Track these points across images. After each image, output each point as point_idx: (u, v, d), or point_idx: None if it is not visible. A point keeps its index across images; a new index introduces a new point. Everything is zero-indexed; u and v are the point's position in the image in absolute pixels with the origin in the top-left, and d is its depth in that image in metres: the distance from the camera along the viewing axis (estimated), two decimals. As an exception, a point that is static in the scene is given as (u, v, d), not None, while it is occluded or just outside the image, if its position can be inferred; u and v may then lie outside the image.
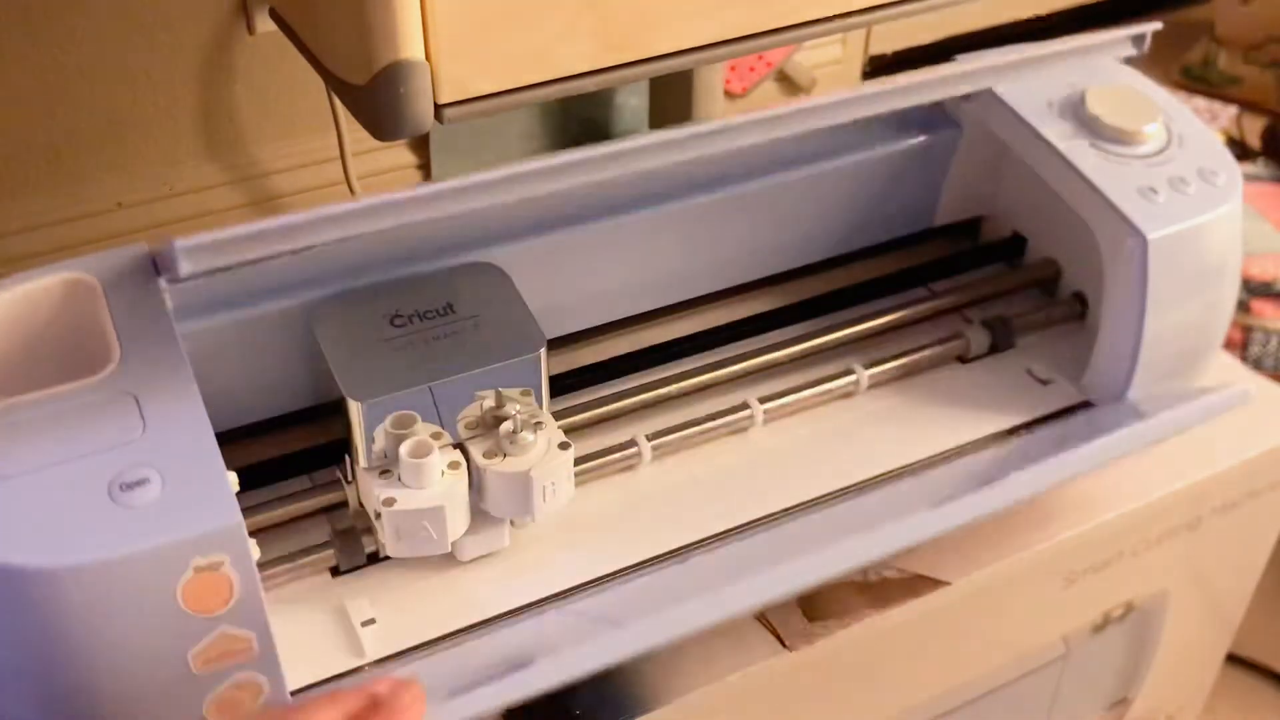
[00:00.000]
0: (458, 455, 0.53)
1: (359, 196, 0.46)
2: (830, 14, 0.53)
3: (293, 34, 0.53)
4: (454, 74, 0.45)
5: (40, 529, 0.41)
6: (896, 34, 1.06)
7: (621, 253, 0.62)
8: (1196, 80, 1.22)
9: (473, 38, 0.45)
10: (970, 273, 0.72)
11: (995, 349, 0.68)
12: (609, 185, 0.60)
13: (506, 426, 0.53)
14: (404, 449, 0.51)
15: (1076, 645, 0.64)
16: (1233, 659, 1.03)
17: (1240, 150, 1.13)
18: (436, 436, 0.52)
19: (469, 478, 0.53)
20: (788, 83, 1.00)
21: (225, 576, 0.42)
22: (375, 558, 0.55)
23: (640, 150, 0.48)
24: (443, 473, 0.52)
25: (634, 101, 0.90)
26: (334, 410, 0.53)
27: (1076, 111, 0.64)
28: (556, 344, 0.64)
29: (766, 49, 0.53)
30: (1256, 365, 0.91)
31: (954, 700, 0.62)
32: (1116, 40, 0.58)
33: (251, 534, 0.43)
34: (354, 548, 0.54)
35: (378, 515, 0.52)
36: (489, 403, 0.53)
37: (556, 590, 0.55)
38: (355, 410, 0.51)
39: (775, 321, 0.67)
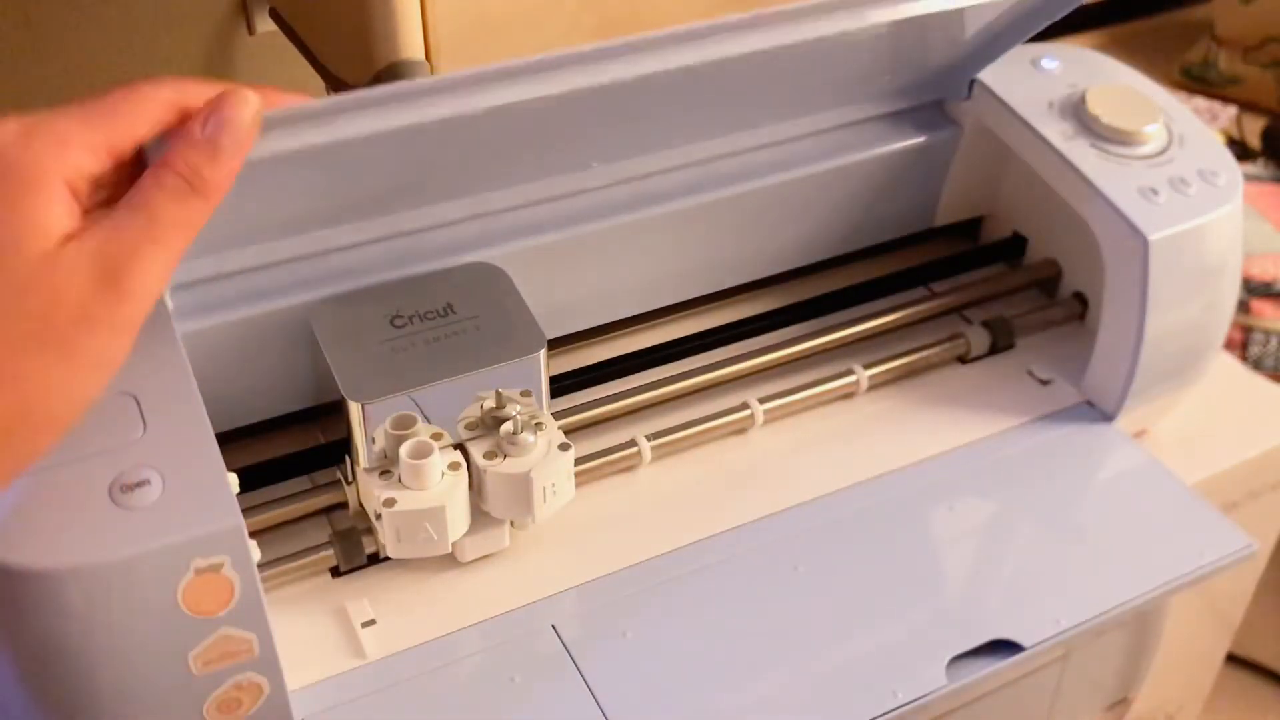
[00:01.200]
0: (458, 456, 0.53)
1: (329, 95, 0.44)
2: (830, 14, 0.53)
3: (293, 34, 0.53)
4: (454, 74, 0.45)
5: (40, 530, 0.41)
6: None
7: (622, 253, 0.62)
8: (1196, 80, 1.22)
9: (472, 38, 0.45)
10: (970, 273, 0.72)
11: (995, 349, 0.68)
12: (609, 185, 0.61)
13: (507, 427, 0.53)
14: (404, 450, 0.51)
15: (1076, 646, 0.64)
16: (1233, 659, 1.03)
17: (1240, 150, 1.13)
18: (437, 437, 0.52)
19: (469, 478, 0.53)
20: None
21: (225, 578, 0.42)
22: (375, 558, 0.55)
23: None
24: (443, 474, 0.52)
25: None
26: (334, 410, 0.53)
27: (1077, 111, 0.64)
28: (557, 344, 0.64)
29: (767, 49, 0.53)
30: (1256, 365, 0.91)
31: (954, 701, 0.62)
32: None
33: (252, 535, 0.43)
34: (354, 548, 0.54)
35: (378, 516, 0.52)
36: (489, 403, 0.53)
37: (556, 591, 0.55)
38: (355, 411, 0.51)
39: (775, 322, 0.67)
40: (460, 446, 0.53)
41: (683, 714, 0.50)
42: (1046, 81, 0.66)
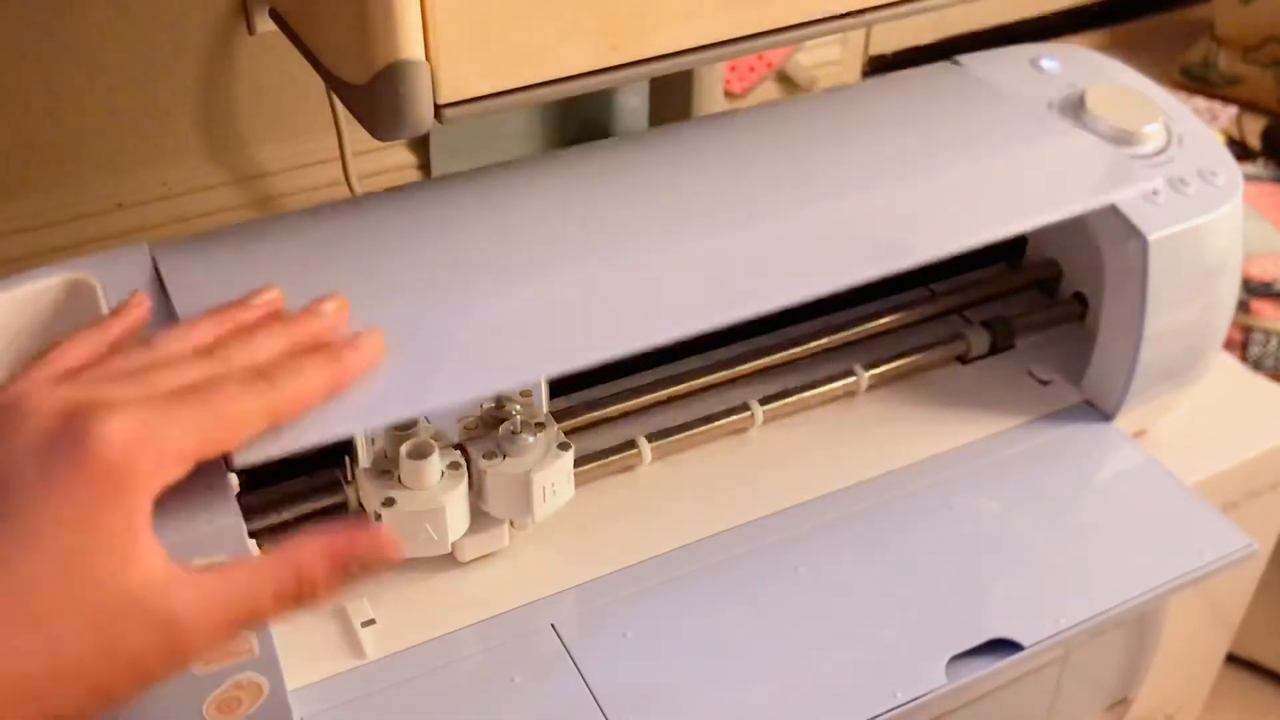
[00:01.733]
0: (458, 456, 0.53)
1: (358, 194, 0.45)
2: (830, 14, 0.52)
3: (292, 34, 0.53)
4: (454, 74, 0.45)
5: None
6: (896, 34, 1.06)
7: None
8: (1196, 80, 1.22)
9: (473, 38, 0.44)
10: (970, 273, 0.72)
11: (995, 350, 0.68)
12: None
13: (506, 427, 0.53)
14: (404, 450, 0.51)
15: (1076, 645, 0.64)
16: (1233, 659, 1.03)
17: (1240, 150, 1.13)
18: (437, 437, 0.52)
19: (469, 478, 0.53)
20: (788, 83, 1.00)
21: (225, 577, 0.42)
22: (375, 558, 0.55)
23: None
24: (443, 474, 0.52)
25: (634, 101, 0.90)
26: (334, 411, 0.53)
27: (1076, 111, 0.64)
28: (556, 344, 0.63)
29: (766, 49, 0.53)
30: (1256, 365, 0.91)
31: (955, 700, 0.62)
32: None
33: (251, 535, 0.43)
34: (354, 548, 0.54)
35: (378, 516, 0.52)
36: (489, 404, 0.53)
37: (556, 590, 0.55)
38: (355, 411, 0.51)
39: (775, 322, 0.67)
40: (460, 446, 0.53)
41: (682, 714, 0.50)
42: (1046, 81, 0.66)
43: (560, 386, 0.62)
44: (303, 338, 0.42)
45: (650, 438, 0.60)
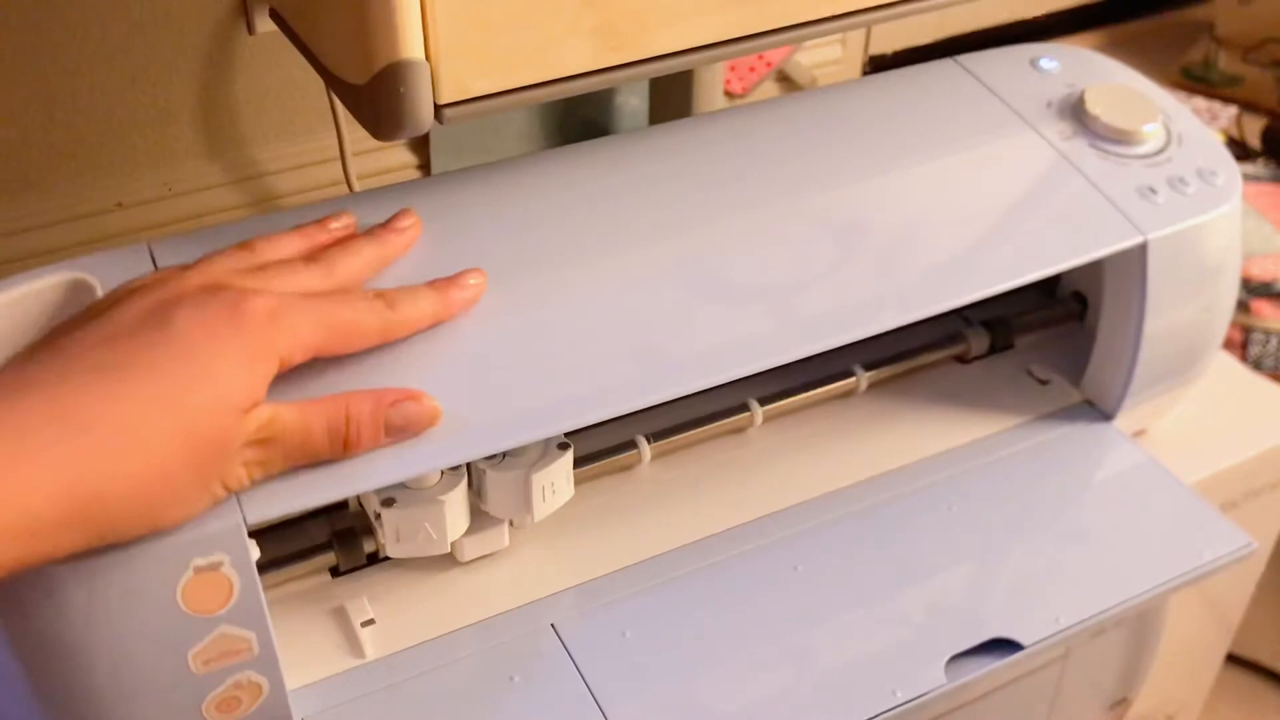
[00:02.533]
0: (457, 455, 0.53)
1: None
2: (830, 14, 0.53)
3: (292, 34, 0.53)
4: (454, 74, 0.45)
5: (40, 529, 0.41)
6: (896, 34, 1.06)
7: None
8: (1196, 80, 1.22)
9: (473, 38, 0.45)
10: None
11: (995, 349, 0.68)
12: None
13: (506, 427, 0.53)
14: (404, 449, 0.51)
15: (1076, 645, 0.64)
16: (1233, 659, 1.03)
17: (1240, 150, 1.13)
18: (436, 437, 0.52)
19: (468, 478, 0.53)
20: (788, 83, 1.00)
21: (225, 577, 0.42)
22: (375, 558, 0.55)
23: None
24: (442, 473, 0.52)
25: (634, 101, 0.90)
26: (334, 410, 0.53)
27: (1075, 111, 0.64)
28: (556, 344, 0.63)
29: (766, 49, 0.53)
30: (1256, 365, 0.91)
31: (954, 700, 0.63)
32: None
33: (251, 534, 0.43)
34: (354, 548, 0.54)
35: (377, 516, 0.52)
36: (489, 403, 0.53)
37: (556, 590, 0.55)
38: (355, 410, 0.51)
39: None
40: (460, 446, 0.53)
41: (682, 714, 0.50)
42: (1045, 81, 0.66)
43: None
44: (390, 251, 0.49)
45: (650, 437, 0.60)
